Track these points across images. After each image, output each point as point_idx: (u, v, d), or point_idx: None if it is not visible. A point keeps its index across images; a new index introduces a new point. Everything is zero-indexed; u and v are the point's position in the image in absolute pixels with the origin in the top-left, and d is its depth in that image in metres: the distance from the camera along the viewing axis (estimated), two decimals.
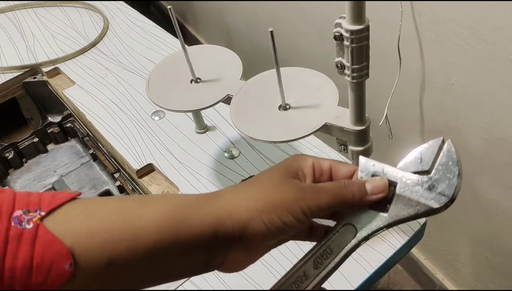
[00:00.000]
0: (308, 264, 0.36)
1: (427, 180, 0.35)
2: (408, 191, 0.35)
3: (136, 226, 0.33)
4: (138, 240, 0.33)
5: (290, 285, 0.36)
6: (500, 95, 0.76)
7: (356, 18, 0.43)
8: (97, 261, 0.32)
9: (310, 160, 0.37)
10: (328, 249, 0.36)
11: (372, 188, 0.36)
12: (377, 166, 0.37)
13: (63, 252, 0.31)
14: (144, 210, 0.34)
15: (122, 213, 0.34)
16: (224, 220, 0.34)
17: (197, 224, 0.34)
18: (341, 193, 0.35)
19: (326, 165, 0.38)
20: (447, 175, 0.34)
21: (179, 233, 0.33)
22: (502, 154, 0.82)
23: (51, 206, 0.32)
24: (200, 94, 0.66)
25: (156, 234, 0.33)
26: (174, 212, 0.34)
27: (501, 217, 0.91)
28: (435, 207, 0.34)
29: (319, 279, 0.36)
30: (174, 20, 0.61)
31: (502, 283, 1.03)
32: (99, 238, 0.32)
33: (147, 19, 1.14)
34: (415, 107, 0.94)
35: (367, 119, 0.54)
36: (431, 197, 0.34)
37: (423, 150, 0.36)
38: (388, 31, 0.88)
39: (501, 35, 0.70)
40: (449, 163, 0.35)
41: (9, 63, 1.05)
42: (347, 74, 0.48)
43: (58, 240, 0.31)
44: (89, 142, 0.94)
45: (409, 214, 0.35)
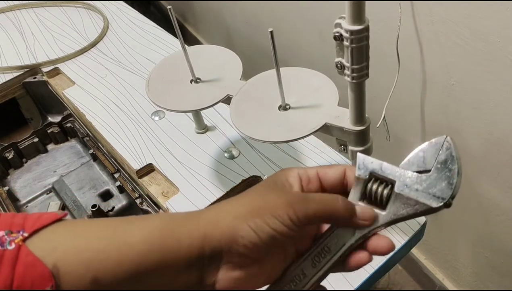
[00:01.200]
0: (306, 262, 0.36)
1: (426, 179, 0.34)
2: (407, 189, 0.34)
3: (122, 244, 0.33)
4: (124, 257, 0.32)
5: (288, 283, 0.35)
6: (500, 95, 0.76)
7: (356, 18, 0.43)
8: (81, 279, 0.31)
9: (295, 170, 0.37)
10: (326, 247, 0.36)
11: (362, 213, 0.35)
12: (375, 163, 0.36)
13: (45, 274, 0.30)
14: (131, 227, 0.34)
15: (108, 231, 0.33)
16: (211, 231, 0.33)
17: (184, 239, 0.33)
18: (331, 204, 0.35)
19: (313, 172, 0.37)
20: (446, 173, 0.34)
21: (166, 249, 0.33)
22: (502, 154, 0.82)
23: (35, 227, 0.32)
24: (200, 94, 0.66)
25: (143, 250, 0.32)
26: (162, 227, 0.34)
27: (501, 217, 0.91)
28: (434, 206, 0.33)
29: (317, 278, 0.35)
30: (174, 20, 0.61)
31: (502, 283, 1.03)
32: (84, 256, 0.32)
33: (147, 19, 1.14)
34: (415, 108, 0.94)
35: (367, 119, 0.54)
36: (430, 196, 0.34)
37: (426, 148, 0.35)
38: (388, 31, 0.88)
39: (501, 35, 0.70)
40: (448, 161, 0.34)
41: (9, 63, 1.05)
42: (347, 75, 0.48)
43: (40, 262, 0.30)
44: (89, 142, 0.94)
45: (408, 213, 0.34)
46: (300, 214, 0.33)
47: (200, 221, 0.34)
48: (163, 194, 0.74)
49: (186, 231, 0.33)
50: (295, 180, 0.36)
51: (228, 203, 0.36)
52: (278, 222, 0.33)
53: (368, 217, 0.35)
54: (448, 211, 0.35)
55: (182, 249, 0.33)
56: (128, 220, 0.36)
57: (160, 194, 0.74)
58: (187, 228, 0.34)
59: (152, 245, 0.33)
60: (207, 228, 0.33)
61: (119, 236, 0.33)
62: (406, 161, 0.36)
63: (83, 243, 0.32)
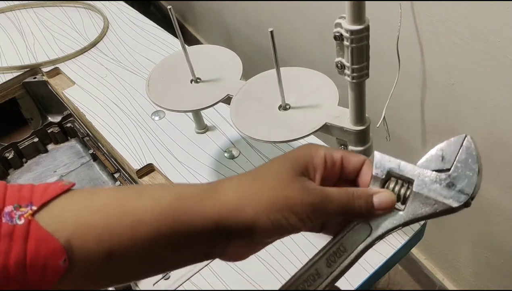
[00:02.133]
0: (321, 262, 0.35)
1: (445, 178, 0.33)
2: (426, 188, 0.34)
3: (135, 219, 0.32)
4: (137, 233, 0.32)
5: (302, 283, 0.35)
6: (500, 95, 0.76)
7: (356, 18, 0.43)
8: (95, 254, 0.31)
9: (322, 152, 0.36)
10: (342, 247, 0.35)
11: (380, 203, 0.35)
12: (393, 162, 0.35)
13: (57, 248, 0.30)
14: (142, 202, 0.34)
15: (119, 205, 0.33)
16: (227, 216, 0.33)
17: (198, 218, 0.33)
18: (349, 204, 0.35)
19: (338, 155, 0.37)
20: (467, 172, 0.33)
21: (179, 227, 0.33)
22: (502, 154, 0.82)
23: (43, 200, 0.32)
24: (200, 94, 0.66)
25: (155, 227, 0.33)
26: (174, 205, 0.34)
27: (501, 217, 0.91)
28: (454, 206, 0.33)
29: (332, 278, 0.35)
30: (174, 20, 0.61)
31: (502, 283, 1.03)
32: (97, 231, 0.32)
33: (147, 19, 1.14)
34: (415, 108, 0.94)
35: (367, 119, 0.54)
36: (449, 195, 0.33)
37: (445, 147, 0.35)
38: (388, 31, 0.88)
39: (501, 35, 0.70)
40: (469, 160, 0.33)
41: (9, 63, 1.05)
42: (347, 74, 0.48)
43: (51, 236, 0.30)
44: (89, 142, 0.94)
45: (427, 212, 0.34)
46: (319, 214, 0.34)
47: (215, 205, 0.34)
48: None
49: (200, 211, 0.33)
50: (320, 162, 0.36)
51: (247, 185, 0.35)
52: (297, 219, 0.33)
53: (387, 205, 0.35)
54: None
55: (195, 228, 0.33)
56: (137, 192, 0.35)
57: None
58: (201, 208, 0.34)
59: (165, 222, 0.33)
60: (223, 213, 0.33)
61: (130, 213, 0.33)
62: (424, 160, 0.35)
63: (93, 218, 0.32)
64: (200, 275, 0.64)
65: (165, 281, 0.64)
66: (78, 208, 0.33)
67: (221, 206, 0.34)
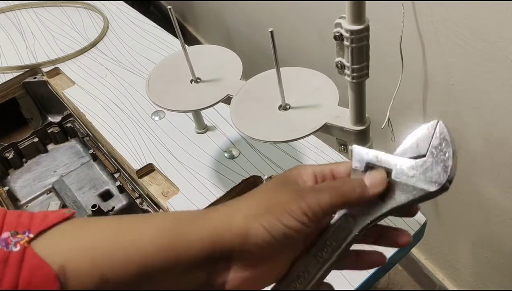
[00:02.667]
0: (310, 259, 0.35)
1: (422, 164, 0.34)
2: (404, 176, 0.34)
3: (130, 242, 0.32)
4: (132, 256, 0.32)
5: (294, 281, 0.35)
6: (500, 95, 0.76)
7: (356, 18, 0.43)
8: (89, 278, 0.31)
9: (310, 168, 0.36)
10: (329, 242, 0.35)
11: (371, 182, 0.34)
12: (371, 153, 0.36)
13: (50, 276, 0.30)
14: (139, 226, 0.34)
15: (115, 230, 0.33)
16: (222, 232, 0.33)
17: (194, 238, 0.33)
18: (342, 189, 0.34)
19: (327, 169, 0.37)
20: (441, 157, 0.33)
21: (175, 248, 0.32)
22: (502, 154, 0.82)
23: (41, 228, 0.32)
24: (200, 94, 0.66)
25: (151, 250, 0.32)
26: (170, 227, 0.33)
27: (501, 217, 0.91)
28: (432, 190, 0.33)
29: (322, 273, 0.35)
30: (174, 20, 0.61)
31: (502, 283, 1.03)
32: (91, 254, 0.31)
33: (147, 19, 1.14)
34: (415, 108, 0.94)
35: (367, 119, 0.54)
36: (427, 180, 0.33)
37: (419, 134, 0.35)
38: (388, 31, 0.88)
39: (501, 35, 0.70)
40: (443, 145, 0.34)
41: (9, 63, 1.05)
42: (347, 74, 0.48)
43: (45, 264, 0.30)
44: (89, 142, 0.94)
45: (407, 199, 0.34)
46: (313, 206, 0.32)
47: (209, 222, 0.33)
48: (163, 194, 0.74)
49: (195, 232, 0.33)
50: (310, 177, 0.36)
51: (237, 203, 0.35)
52: (292, 218, 0.32)
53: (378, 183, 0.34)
54: (448, 211, 0.35)
55: (192, 250, 0.32)
56: (135, 219, 0.35)
57: (160, 194, 0.74)
58: (197, 228, 0.33)
59: (160, 245, 0.32)
60: (218, 229, 0.33)
61: (126, 236, 0.33)
62: (400, 149, 0.36)
63: (89, 242, 0.32)
64: None
65: None
66: (74, 234, 0.33)
67: (214, 224, 0.33)
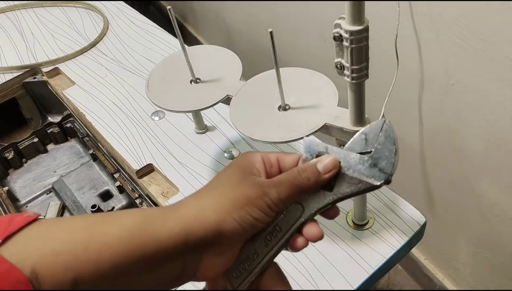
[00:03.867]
0: (259, 242, 0.37)
1: (367, 159, 0.37)
2: (351, 169, 0.37)
3: (101, 244, 0.32)
4: (104, 258, 0.32)
5: (242, 263, 0.37)
6: (500, 95, 0.76)
7: (355, 19, 0.43)
8: (62, 282, 0.31)
9: (259, 155, 0.39)
10: (277, 227, 0.37)
11: (324, 167, 0.37)
12: (321, 145, 0.39)
13: (21, 281, 0.30)
14: (109, 227, 0.34)
15: (85, 232, 0.33)
16: (194, 228, 0.34)
17: (165, 235, 0.34)
18: (297, 180, 0.37)
19: (273, 157, 0.39)
20: (386, 153, 0.36)
21: (146, 247, 0.33)
22: (502, 154, 0.82)
23: (7, 232, 0.31)
24: (200, 94, 0.66)
25: (122, 250, 0.32)
26: (140, 226, 0.34)
27: (501, 217, 0.91)
28: (376, 184, 0.36)
29: (270, 256, 0.37)
30: (173, 21, 0.61)
31: (502, 283, 1.03)
32: (63, 259, 0.31)
33: (147, 19, 1.14)
34: (414, 108, 0.94)
35: (367, 119, 0.54)
36: (371, 174, 0.36)
37: (368, 131, 0.38)
38: (388, 31, 0.88)
39: (501, 35, 0.69)
40: (387, 142, 0.37)
41: (9, 63, 1.05)
42: (347, 75, 0.48)
43: (16, 268, 0.30)
44: (89, 142, 0.94)
45: (352, 191, 0.37)
46: (275, 200, 0.36)
47: (180, 218, 0.34)
48: (163, 194, 0.74)
49: (166, 229, 0.34)
50: (261, 166, 0.39)
51: (206, 197, 0.37)
52: (259, 211, 0.35)
53: (331, 167, 0.37)
54: (448, 211, 0.35)
55: (164, 247, 0.33)
56: (103, 219, 0.35)
57: (160, 194, 0.74)
58: (167, 225, 0.34)
59: (131, 244, 0.33)
60: (189, 225, 0.34)
61: (96, 237, 0.33)
62: (349, 143, 0.38)
63: (59, 245, 0.32)
64: None
65: None
66: (43, 237, 0.32)
67: (185, 220, 0.34)
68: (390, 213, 0.66)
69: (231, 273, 0.37)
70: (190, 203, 0.36)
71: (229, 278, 0.37)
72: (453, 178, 0.97)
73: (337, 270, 0.61)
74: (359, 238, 0.64)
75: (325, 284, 0.60)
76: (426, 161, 1.01)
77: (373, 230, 0.64)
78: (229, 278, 0.37)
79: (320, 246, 0.63)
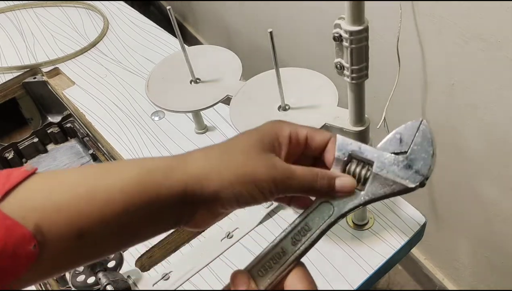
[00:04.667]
0: (286, 240, 0.36)
1: (402, 160, 0.36)
2: (385, 170, 0.36)
3: (104, 197, 0.33)
4: (107, 211, 0.32)
5: (269, 261, 0.36)
6: (500, 95, 0.76)
7: (355, 19, 0.43)
8: (66, 235, 0.31)
9: (288, 130, 0.37)
10: (306, 226, 0.37)
11: (341, 186, 0.36)
12: (354, 144, 0.37)
13: (25, 235, 0.30)
14: (110, 179, 0.34)
15: (87, 184, 0.33)
16: (193, 187, 0.34)
17: (166, 191, 0.34)
18: (310, 184, 0.36)
19: (303, 133, 0.38)
20: (422, 155, 0.35)
21: (147, 201, 0.33)
22: (502, 154, 0.82)
23: (7, 187, 0.31)
24: (200, 94, 0.66)
25: (125, 203, 0.33)
26: (142, 180, 0.34)
27: (501, 217, 0.91)
28: (410, 186, 0.35)
29: (297, 255, 0.36)
30: (173, 21, 0.61)
31: (502, 283, 1.03)
32: (66, 213, 0.32)
33: (147, 19, 1.14)
34: (415, 108, 0.94)
35: (367, 120, 0.54)
36: (406, 176, 0.35)
37: (403, 130, 0.37)
38: (388, 31, 0.88)
39: (501, 35, 0.69)
40: (424, 143, 0.36)
41: (9, 63, 1.05)
42: (347, 75, 0.48)
43: (19, 224, 0.30)
44: (89, 142, 0.94)
45: (385, 192, 0.36)
46: (282, 189, 0.35)
47: (183, 175, 0.34)
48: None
49: (168, 184, 0.34)
50: (285, 141, 0.37)
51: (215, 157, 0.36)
52: (260, 192, 0.35)
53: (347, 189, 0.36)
54: (448, 211, 0.35)
55: (164, 201, 0.34)
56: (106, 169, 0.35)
57: None
58: (170, 180, 0.34)
59: (133, 199, 0.33)
60: (189, 185, 0.34)
61: (99, 191, 0.33)
62: (383, 143, 0.37)
63: (62, 199, 0.32)
64: (199, 276, 0.64)
65: (165, 281, 0.64)
66: (46, 190, 0.32)
67: (188, 178, 0.34)
68: (390, 213, 0.66)
69: (256, 272, 0.36)
70: (197, 160, 0.36)
71: (254, 277, 0.36)
72: (453, 178, 0.97)
73: (337, 270, 0.61)
74: (359, 238, 0.64)
75: (325, 284, 0.60)
76: None
77: (373, 230, 0.64)
78: (254, 277, 0.36)
79: (320, 246, 0.63)
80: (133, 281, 0.64)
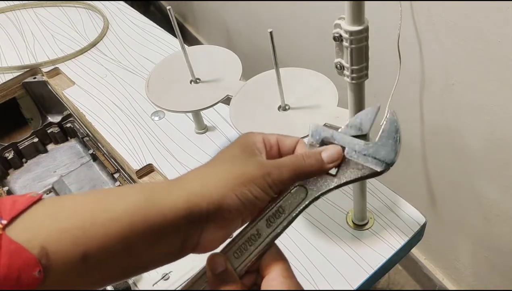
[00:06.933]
0: (261, 223, 0.38)
1: (372, 146, 0.39)
2: (355, 155, 0.39)
3: (108, 219, 0.33)
4: (111, 232, 0.33)
5: (244, 242, 0.38)
6: (500, 95, 0.76)
7: (355, 19, 0.43)
8: (71, 257, 0.32)
9: (260, 136, 0.40)
10: (281, 208, 0.38)
11: (328, 156, 0.39)
12: (327, 131, 0.40)
13: (31, 261, 0.30)
14: (114, 201, 0.34)
15: (90, 208, 0.34)
16: (198, 201, 0.35)
17: (169, 207, 0.35)
18: (300, 165, 0.38)
19: (274, 138, 0.41)
20: (389, 141, 0.39)
21: (151, 219, 0.34)
22: (502, 154, 0.82)
23: (13, 213, 0.32)
24: (200, 94, 0.66)
25: (128, 224, 0.33)
26: (144, 199, 0.35)
27: (501, 217, 0.91)
28: (379, 170, 0.38)
29: (272, 237, 0.38)
30: (173, 21, 0.61)
31: (502, 283, 1.03)
32: (71, 234, 0.32)
33: (147, 19, 1.14)
34: (415, 107, 0.94)
35: None
36: (374, 161, 0.38)
37: (363, 116, 0.40)
38: (388, 31, 0.88)
39: (501, 35, 0.69)
40: (391, 131, 0.39)
41: (9, 63, 1.05)
42: (347, 75, 0.48)
43: (24, 249, 0.30)
44: (89, 142, 0.94)
45: (356, 176, 0.38)
46: (277, 181, 0.37)
47: (184, 191, 0.35)
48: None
49: (170, 202, 0.35)
50: (261, 146, 0.40)
51: (209, 171, 0.38)
52: (260, 189, 0.36)
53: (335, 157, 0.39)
54: (448, 211, 0.35)
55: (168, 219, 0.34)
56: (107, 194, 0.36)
57: None
58: (172, 198, 0.35)
59: (136, 217, 0.34)
60: (193, 198, 0.35)
61: (103, 212, 0.33)
62: (345, 126, 0.40)
63: (67, 222, 0.32)
64: None
65: (165, 281, 0.64)
66: (49, 216, 0.33)
67: (189, 194, 0.35)
68: (390, 213, 0.66)
69: (232, 254, 0.37)
70: (194, 177, 0.37)
71: (230, 258, 0.37)
72: (453, 178, 0.97)
73: (337, 270, 0.61)
74: (359, 238, 0.64)
75: (325, 284, 0.60)
76: (426, 160, 1.02)
77: (373, 230, 0.64)
78: (230, 258, 0.37)
79: (320, 246, 0.63)
80: (133, 281, 0.64)
